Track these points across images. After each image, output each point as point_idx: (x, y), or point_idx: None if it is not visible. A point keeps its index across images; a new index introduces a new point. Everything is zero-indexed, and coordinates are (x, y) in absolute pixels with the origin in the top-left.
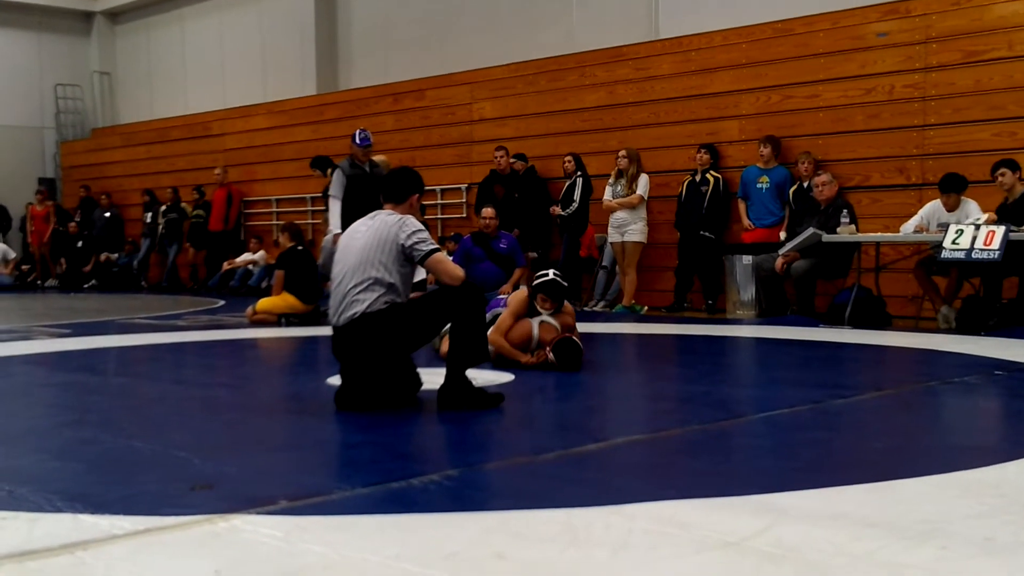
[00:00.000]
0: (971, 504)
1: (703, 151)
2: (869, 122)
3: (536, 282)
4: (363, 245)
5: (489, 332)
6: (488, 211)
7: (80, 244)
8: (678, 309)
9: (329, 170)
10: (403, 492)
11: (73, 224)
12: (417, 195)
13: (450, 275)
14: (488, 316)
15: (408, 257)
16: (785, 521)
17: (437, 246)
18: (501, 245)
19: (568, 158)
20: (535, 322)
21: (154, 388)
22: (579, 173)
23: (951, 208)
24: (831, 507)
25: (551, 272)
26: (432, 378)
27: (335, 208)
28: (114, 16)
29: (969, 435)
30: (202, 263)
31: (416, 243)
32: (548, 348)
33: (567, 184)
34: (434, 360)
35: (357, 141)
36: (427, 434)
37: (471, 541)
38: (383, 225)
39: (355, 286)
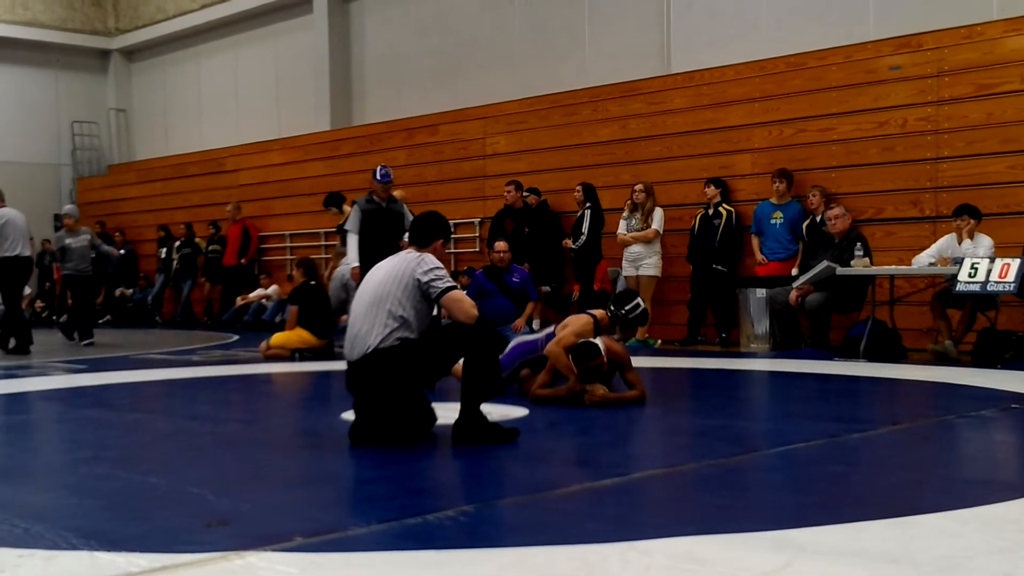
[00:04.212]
0: (991, 540)
1: (711, 185)
2: (882, 155)
3: (634, 315)
4: (380, 280)
5: (551, 344)
6: (501, 245)
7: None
8: (692, 343)
9: (344, 206)
10: (419, 528)
11: None
12: (442, 240)
13: (465, 314)
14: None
15: (424, 294)
16: (804, 557)
17: (453, 284)
18: (514, 279)
19: (577, 188)
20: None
21: (169, 424)
22: (588, 204)
23: (964, 241)
24: (850, 543)
25: (642, 303)
26: (446, 413)
27: (352, 242)
28: (130, 54)
29: (988, 470)
30: (217, 298)
31: (432, 280)
32: (569, 356)
33: (577, 216)
34: (447, 394)
35: (378, 177)
36: (442, 469)
37: None
38: (402, 262)
39: (369, 321)
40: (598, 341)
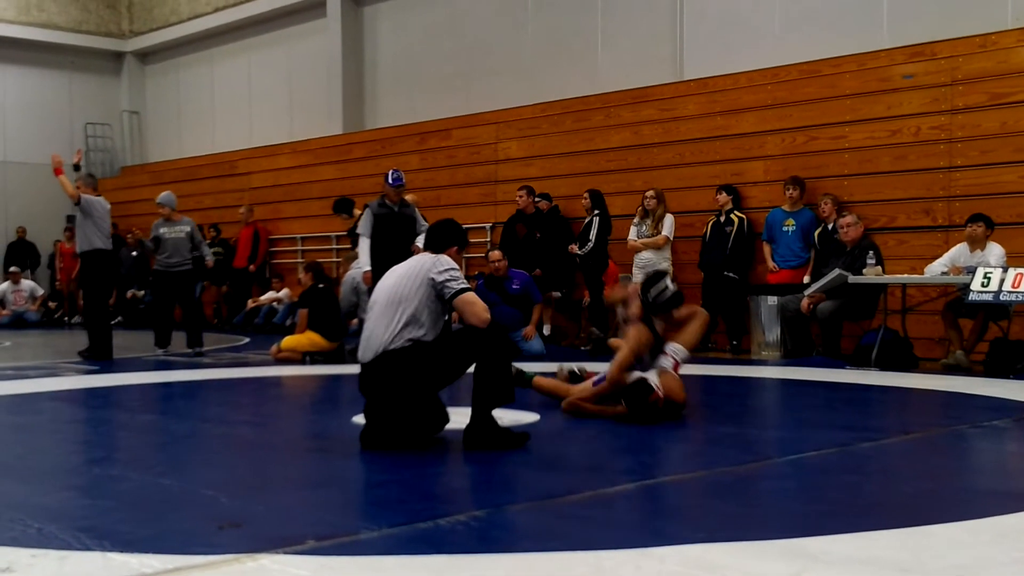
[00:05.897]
0: (1005, 550)
1: (723, 192)
2: (895, 163)
3: (661, 299)
4: (396, 281)
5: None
6: (495, 255)
7: None
8: (702, 349)
9: (355, 210)
10: (430, 533)
11: None
12: (456, 248)
13: (477, 317)
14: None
15: (439, 294)
16: (816, 566)
17: (468, 286)
18: (514, 286)
19: (584, 195)
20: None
21: (181, 425)
22: (596, 212)
23: (976, 250)
24: (862, 552)
25: (671, 284)
26: (457, 417)
27: (364, 246)
28: (144, 56)
29: (1000, 480)
30: (223, 301)
31: (447, 280)
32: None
33: (585, 222)
34: (456, 399)
35: (390, 181)
36: (453, 474)
37: None
38: (418, 263)
39: (384, 322)
40: (653, 377)
